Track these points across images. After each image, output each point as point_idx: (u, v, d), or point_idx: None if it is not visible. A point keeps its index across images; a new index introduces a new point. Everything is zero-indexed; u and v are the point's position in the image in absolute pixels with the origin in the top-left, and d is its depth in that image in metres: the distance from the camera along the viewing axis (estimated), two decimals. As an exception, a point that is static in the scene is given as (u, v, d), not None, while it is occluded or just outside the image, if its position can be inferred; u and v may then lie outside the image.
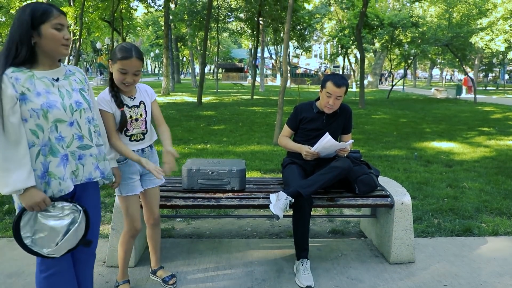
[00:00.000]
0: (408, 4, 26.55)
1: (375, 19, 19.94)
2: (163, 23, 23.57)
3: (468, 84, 26.81)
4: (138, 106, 2.26)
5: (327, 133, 2.72)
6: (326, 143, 2.69)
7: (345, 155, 2.83)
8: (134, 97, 2.26)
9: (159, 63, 64.99)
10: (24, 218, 1.62)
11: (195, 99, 16.96)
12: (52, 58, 1.68)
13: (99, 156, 1.84)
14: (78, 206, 1.71)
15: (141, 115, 2.26)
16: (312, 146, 2.80)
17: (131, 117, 2.21)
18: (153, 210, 2.44)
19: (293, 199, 2.54)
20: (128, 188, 2.24)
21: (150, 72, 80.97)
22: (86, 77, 1.87)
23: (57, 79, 1.68)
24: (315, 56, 56.22)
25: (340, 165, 2.68)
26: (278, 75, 39.44)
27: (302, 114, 2.97)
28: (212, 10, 18.45)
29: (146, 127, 2.29)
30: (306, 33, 24.97)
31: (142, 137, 2.27)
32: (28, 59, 1.61)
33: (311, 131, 2.90)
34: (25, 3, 1.66)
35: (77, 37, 18.42)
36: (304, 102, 3.05)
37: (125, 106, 2.19)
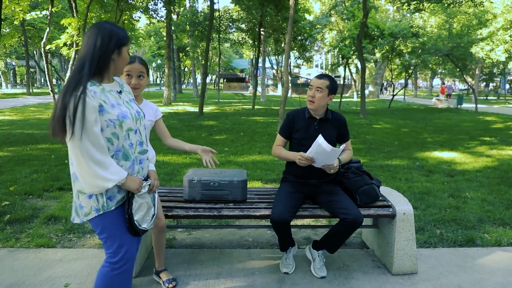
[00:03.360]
0: (408, 15, 26.73)
1: (376, 30, 20.04)
2: (165, 34, 23.79)
3: (446, 92, 27.34)
4: None
5: (320, 135, 2.54)
6: (319, 147, 2.50)
7: (332, 171, 2.68)
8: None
9: (161, 73, 65.35)
10: (132, 203, 1.83)
11: (196, 109, 17.01)
12: (115, 75, 1.87)
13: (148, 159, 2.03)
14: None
15: None
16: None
17: None
18: (158, 217, 2.47)
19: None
20: None
21: (152, 82, 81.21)
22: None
23: (120, 92, 1.85)
24: (316, 66, 56.47)
25: (350, 217, 2.55)
26: (279, 85, 39.62)
27: (294, 121, 2.85)
28: (214, 21, 18.60)
29: None
30: (307, 43, 25.12)
31: None
32: (99, 73, 1.75)
33: (304, 140, 2.77)
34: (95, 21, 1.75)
35: (80, 47, 18.60)
36: (296, 109, 2.94)
37: None
